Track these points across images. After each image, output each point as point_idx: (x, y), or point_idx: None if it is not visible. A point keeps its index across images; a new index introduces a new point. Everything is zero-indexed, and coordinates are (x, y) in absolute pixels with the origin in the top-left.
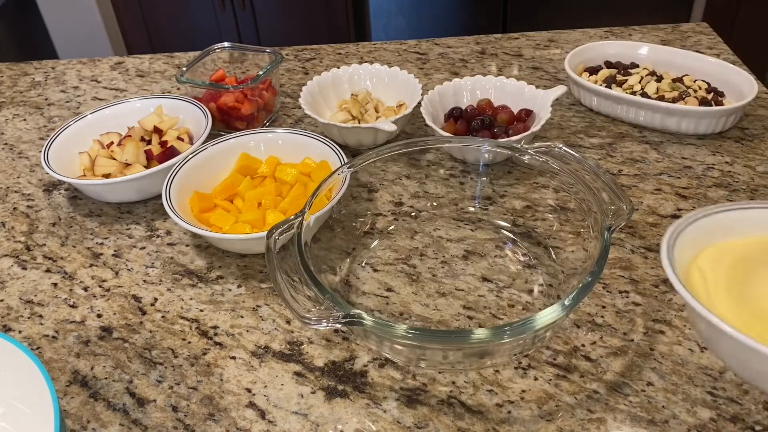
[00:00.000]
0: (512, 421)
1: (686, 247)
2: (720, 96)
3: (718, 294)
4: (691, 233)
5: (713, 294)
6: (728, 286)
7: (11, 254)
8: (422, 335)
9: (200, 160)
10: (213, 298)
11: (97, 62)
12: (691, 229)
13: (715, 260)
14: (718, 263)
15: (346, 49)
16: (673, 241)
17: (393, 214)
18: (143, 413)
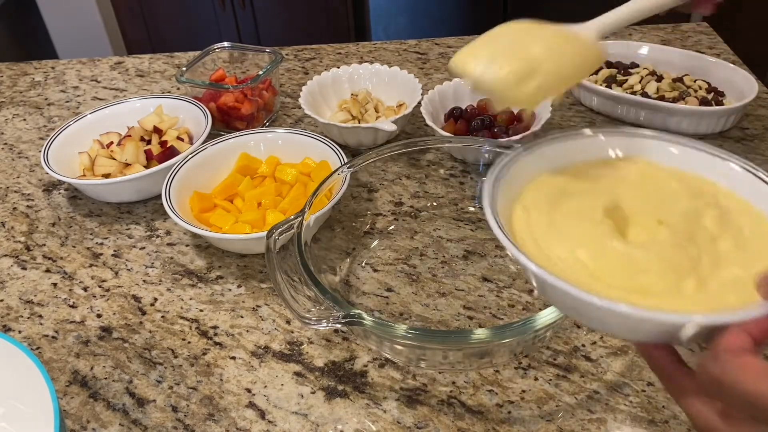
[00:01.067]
0: (512, 421)
1: (511, 185)
2: (720, 96)
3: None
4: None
5: (537, 232)
6: (550, 218)
7: (11, 254)
8: (422, 335)
9: (200, 160)
10: (213, 298)
11: (97, 62)
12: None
13: (538, 193)
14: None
15: (346, 49)
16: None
17: (393, 214)
18: (143, 413)
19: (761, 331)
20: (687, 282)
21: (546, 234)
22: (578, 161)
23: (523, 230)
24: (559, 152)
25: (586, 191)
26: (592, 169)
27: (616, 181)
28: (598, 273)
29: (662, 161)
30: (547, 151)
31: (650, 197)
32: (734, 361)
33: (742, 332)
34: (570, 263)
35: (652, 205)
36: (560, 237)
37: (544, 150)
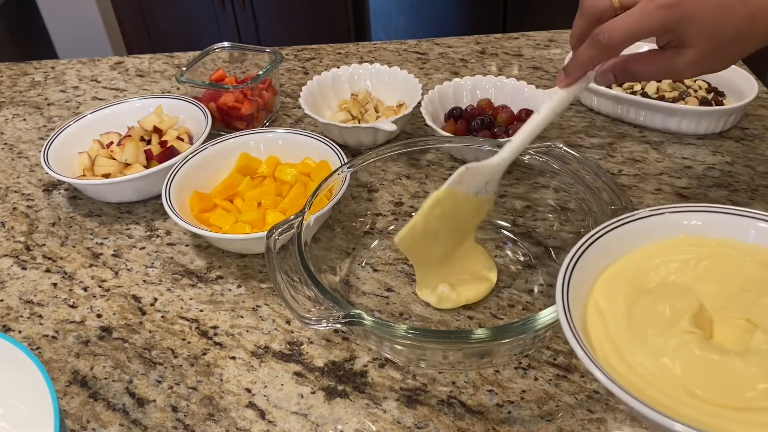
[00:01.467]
0: (512, 422)
1: (581, 282)
2: (720, 96)
3: (622, 339)
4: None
5: (617, 339)
6: (629, 323)
7: (11, 254)
8: (422, 335)
9: (200, 160)
10: (213, 298)
11: (97, 62)
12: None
13: (611, 289)
14: (614, 293)
15: (346, 49)
16: (569, 275)
17: (393, 214)
18: (143, 413)
19: None
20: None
21: (627, 341)
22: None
23: (600, 336)
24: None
25: (664, 288)
26: (664, 255)
27: (691, 268)
28: (691, 386)
29: (738, 239)
30: (613, 237)
31: (732, 286)
32: None
33: None
34: (657, 374)
35: (737, 298)
36: (644, 346)
37: (610, 237)
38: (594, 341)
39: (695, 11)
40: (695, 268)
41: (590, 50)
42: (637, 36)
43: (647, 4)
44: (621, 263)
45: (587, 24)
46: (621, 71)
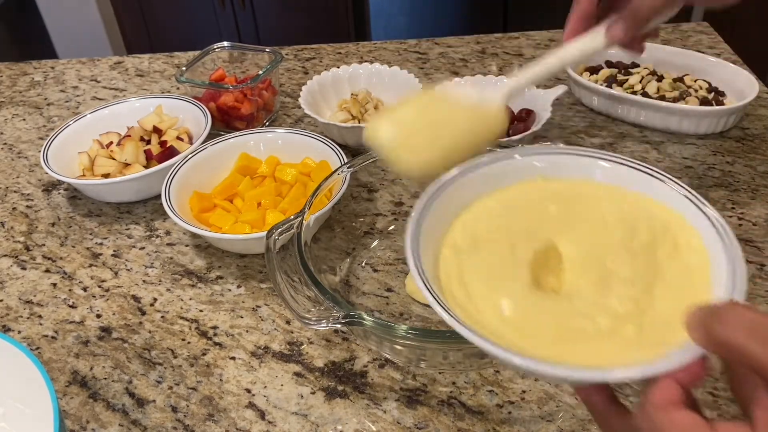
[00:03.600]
0: (512, 422)
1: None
2: (721, 96)
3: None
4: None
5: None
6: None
7: (10, 254)
8: (422, 335)
9: (200, 160)
10: (212, 299)
11: (97, 62)
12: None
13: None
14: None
15: (346, 49)
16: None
17: (393, 214)
18: (143, 413)
19: (690, 377)
20: (626, 327)
21: (473, 279)
22: (506, 185)
23: (451, 274)
24: (486, 177)
25: (514, 227)
26: (521, 195)
27: (546, 208)
28: (522, 326)
29: (591, 177)
30: (474, 177)
31: (583, 224)
32: (662, 418)
33: (671, 383)
34: (493, 316)
35: (586, 236)
36: (485, 285)
37: (470, 177)
38: (443, 279)
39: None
40: (550, 204)
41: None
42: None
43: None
44: (482, 202)
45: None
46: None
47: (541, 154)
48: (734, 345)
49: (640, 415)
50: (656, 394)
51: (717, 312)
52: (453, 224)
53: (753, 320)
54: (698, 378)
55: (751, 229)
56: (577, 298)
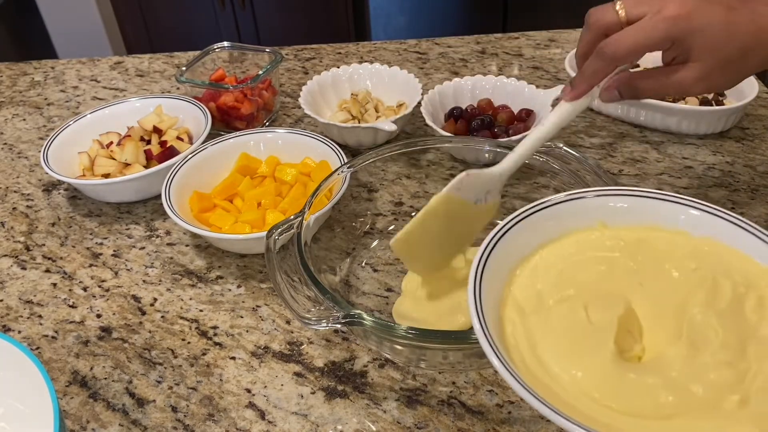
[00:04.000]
0: (512, 422)
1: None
2: (721, 96)
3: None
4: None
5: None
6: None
7: (11, 254)
8: (422, 335)
9: (200, 160)
10: (213, 299)
11: (97, 62)
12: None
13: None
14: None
15: (346, 49)
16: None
17: (393, 214)
18: (143, 413)
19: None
20: (730, 398)
21: (548, 349)
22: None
23: (519, 339)
24: (550, 220)
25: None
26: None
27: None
28: (610, 402)
29: (670, 226)
30: (537, 220)
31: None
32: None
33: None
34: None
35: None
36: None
37: (533, 220)
38: (509, 340)
39: (702, 25)
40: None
41: (596, 63)
42: (643, 48)
43: (654, 17)
44: (547, 250)
45: (593, 38)
46: (626, 87)
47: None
48: None
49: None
50: None
51: None
52: (512, 283)
53: None
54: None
55: None
56: (666, 367)
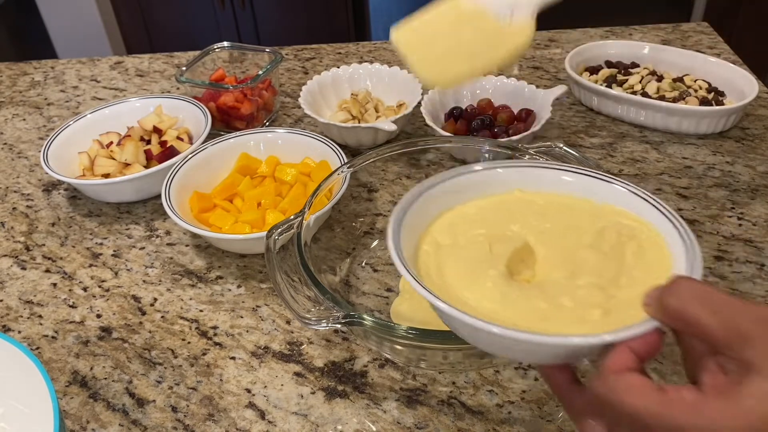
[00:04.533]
0: (512, 422)
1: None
2: (721, 96)
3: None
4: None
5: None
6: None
7: (10, 254)
8: (422, 335)
9: (200, 160)
10: (213, 299)
11: (97, 62)
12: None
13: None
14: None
15: (346, 49)
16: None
17: None
18: (143, 413)
19: (645, 347)
20: (594, 311)
21: (451, 270)
22: (485, 195)
23: (430, 266)
24: (461, 187)
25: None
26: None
27: (522, 216)
28: (495, 306)
29: (559, 190)
30: (450, 186)
31: (557, 230)
32: (616, 380)
33: (626, 351)
34: (468, 297)
35: (559, 239)
36: (463, 274)
37: (447, 186)
38: (422, 270)
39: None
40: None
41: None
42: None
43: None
44: (458, 209)
45: None
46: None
47: (520, 167)
48: (686, 315)
49: (597, 381)
50: (612, 359)
51: (670, 286)
52: (432, 225)
53: (702, 291)
54: (653, 348)
55: (751, 229)
56: (548, 286)
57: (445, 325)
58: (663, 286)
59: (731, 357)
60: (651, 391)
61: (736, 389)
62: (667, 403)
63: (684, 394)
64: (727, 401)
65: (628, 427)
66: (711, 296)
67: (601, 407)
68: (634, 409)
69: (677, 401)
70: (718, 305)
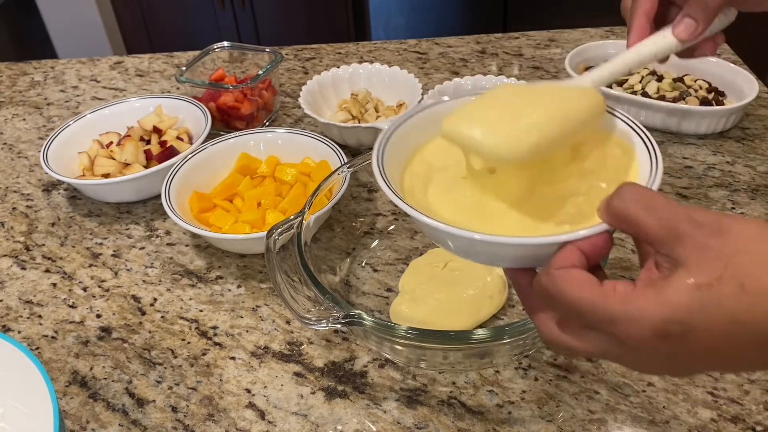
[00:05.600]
0: (512, 422)
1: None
2: (721, 96)
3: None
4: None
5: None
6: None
7: (10, 254)
8: (422, 335)
9: (200, 160)
10: (212, 299)
11: (97, 62)
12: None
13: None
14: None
15: (346, 49)
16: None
17: (393, 214)
18: (143, 413)
19: (590, 247)
20: (546, 224)
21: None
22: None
23: (414, 185)
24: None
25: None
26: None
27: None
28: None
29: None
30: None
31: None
32: (559, 274)
33: (573, 249)
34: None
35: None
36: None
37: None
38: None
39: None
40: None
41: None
42: None
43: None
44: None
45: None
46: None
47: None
48: (628, 216)
49: (543, 275)
50: (558, 256)
51: (617, 190)
52: (421, 149)
53: (644, 194)
54: (601, 249)
55: None
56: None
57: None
58: (613, 192)
59: (665, 254)
60: (589, 285)
61: (663, 282)
62: (602, 294)
63: (618, 287)
64: (653, 292)
65: (573, 318)
66: (652, 199)
67: (546, 300)
68: (573, 299)
69: (610, 293)
70: (658, 207)
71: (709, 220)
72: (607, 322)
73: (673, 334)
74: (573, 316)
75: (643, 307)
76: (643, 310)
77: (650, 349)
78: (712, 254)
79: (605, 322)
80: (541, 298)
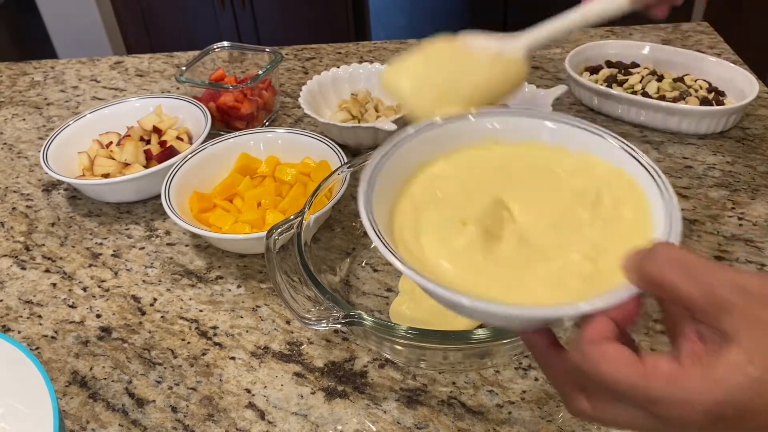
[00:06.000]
0: (513, 422)
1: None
2: (721, 96)
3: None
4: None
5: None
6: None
7: (10, 254)
8: (422, 335)
9: (200, 160)
10: (212, 299)
11: (97, 62)
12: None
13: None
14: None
15: (346, 49)
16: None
17: None
18: (142, 414)
19: (623, 315)
20: (571, 280)
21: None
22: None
23: (405, 227)
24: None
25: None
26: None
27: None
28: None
29: (544, 140)
30: (428, 138)
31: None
32: (592, 350)
33: (603, 319)
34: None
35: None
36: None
37: (424, 137)
38: (396, 232)
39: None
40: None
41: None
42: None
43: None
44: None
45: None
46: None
47: (492, 115)
48: (663, 281)
49: (574, 350)
50: (589, 329)
51: (649, 252)
52: (410, 182)
53: (680, 258)
54: (632, 315)
55: (751, 229)
56: (525, 248)
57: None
58: (642, 251)
59: (710, 325)
60: (627, 361)
61: (712, 359)
62: (643, 375)
63: (660, 364)
64: (702, 372)
65: (605, 397)
66: (689, 262)
67: (580, 377)
68: (610, 379)
69: (653, 372)
70: (697, 271)
71: (754, 285)
72: (648, 402)
73: (727, 417)
74: (606, 395)
75: (693, 388)
76: (692, 391)
77: (697, 427)
78: (763, 327)
79: (646, 402)
80: (571, 373)
